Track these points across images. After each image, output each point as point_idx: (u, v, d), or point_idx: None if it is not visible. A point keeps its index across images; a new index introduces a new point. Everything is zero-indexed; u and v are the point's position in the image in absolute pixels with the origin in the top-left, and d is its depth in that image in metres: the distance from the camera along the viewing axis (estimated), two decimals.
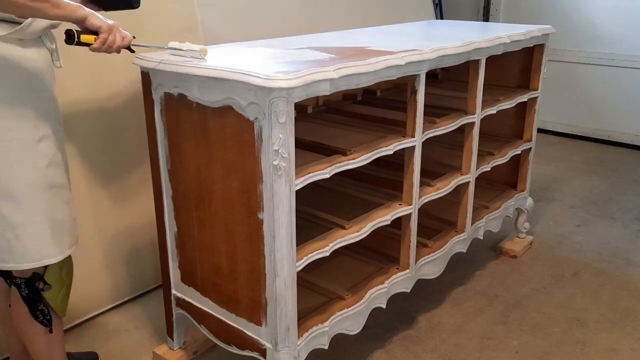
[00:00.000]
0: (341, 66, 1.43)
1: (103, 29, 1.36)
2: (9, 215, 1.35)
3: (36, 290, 1.47)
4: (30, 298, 1.47)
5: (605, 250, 2.66)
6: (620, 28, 4.08)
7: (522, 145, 2.48)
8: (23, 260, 1.40)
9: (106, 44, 1.38)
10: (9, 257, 1.39)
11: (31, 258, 1.40)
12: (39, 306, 1.49)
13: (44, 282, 1.46)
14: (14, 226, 1.36)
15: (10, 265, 1.40)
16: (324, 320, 1.63)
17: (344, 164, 1.57)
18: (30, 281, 1.46)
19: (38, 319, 1.49)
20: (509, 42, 2.10)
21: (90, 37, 1.36)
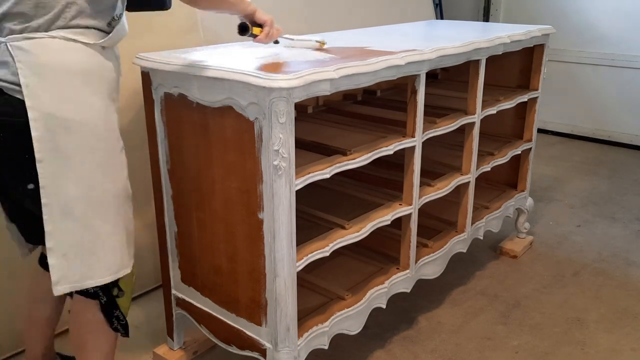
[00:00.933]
0: (341, 66, 1.43)
1: (268, 22, 1.52)
2: (99, 226, 1.30)
3: (112, 297, 1.42)
4: (108, 306, 1.43)
5: (606, 251, 2.66)
6: (621, 28, 4.08)
7: (522, 145, 2.48)
8: (106, 274, 1.34)
9: (268, 36, 1.53)
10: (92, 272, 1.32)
11: (112, 270, 1.35)
12: (114, 313, 1.44)
13: (119, 288, 1.42)
14: (102, 238, 1.31)
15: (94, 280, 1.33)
16: (324, 320, 1.63)
17: (344, 164, 1.57)
18: (107, 288, 1.41)
19: (113, 325, 1.45)
20: (509, 42, 2.10)
21: (258, 29, 1.52)
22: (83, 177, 1.26)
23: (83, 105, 1.24)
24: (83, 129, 1.24)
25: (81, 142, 1.24)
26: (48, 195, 1.23)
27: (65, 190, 1.24)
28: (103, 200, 1.30)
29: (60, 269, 1.28)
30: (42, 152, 1.20)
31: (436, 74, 2.73)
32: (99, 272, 1.33)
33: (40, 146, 1.20)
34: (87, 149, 1.25)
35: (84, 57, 1.25)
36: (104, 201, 1.30)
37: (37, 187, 1.23)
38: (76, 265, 1.29)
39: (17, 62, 1.18)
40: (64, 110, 1.21)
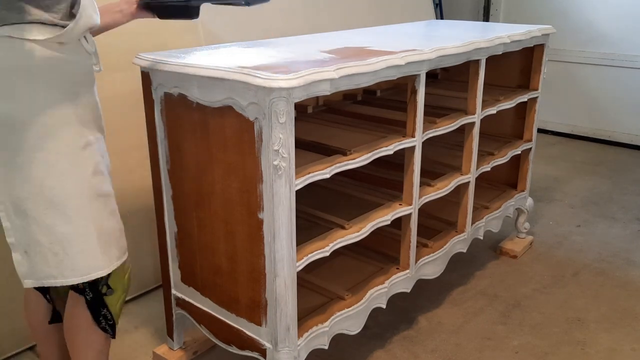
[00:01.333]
0: (341, 66, 1.43)
1: None
2: (56, 227, 1.28)
3: (100, 294, 1.40)
4: (94, 303, 1.40)
5: (606, 251, 2.66)
6: (621, 28, 4.08)
7: (522, 145, 2.48)
8: (71, 275, 1.32)
9: None
10: (57, 271, 1.30)
11: (79, 272, 1.32)
12: (102, 311, 1.42)
13: (107, 286, 1.40)
14: (61, 239, 1.29)
15: (59, 280, 1.31)
16: (324, 320, 1.63)
17: (344, 164, 1.57)
18: (94, 285, 1.39)
19: (100, 324, 1.43)
20: (509, 42, 2.10)
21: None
22: (31, 176, 1.24)
23: (23, 103, 1.21)
24: (26, 127, 1.21)
25: (25, 141, 1.22)
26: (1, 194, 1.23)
27: (15, 190, 1.24)
28: (59, 200, 1.27)
29: (24, 264, 1.29)
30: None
31: (436, 74, 2.73)
32: (64, 272, 1.31)
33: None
34: (32, 148, 1.23)
35: (22, 53, 1.20)
36: (60, 202, 1.27)
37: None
38: (38, 263, 1.29)
39: None
40: (3, 110, 1.20)
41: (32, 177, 1.24)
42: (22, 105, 1.21)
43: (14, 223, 1.26)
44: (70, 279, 1.32)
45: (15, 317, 1.90)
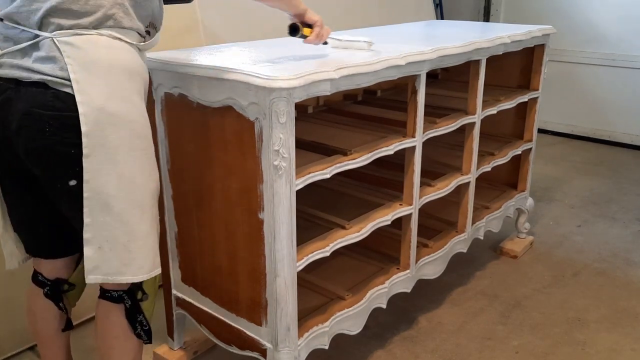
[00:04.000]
0: (342, 66, 1.43)
1: (318, 22, 1.52)
2: (136, 225, 1.28)
3: (137, 301, 1.38)
4: (132, 310, 1.38)
5: (606, 251, 2.66)
6: (621, 28, 4.08)
7: (523, 145, 2.48)
8: (138, 272, 1.30)
9: (319, 37, 1.53)
10: (126, 269, 1.29)
11: (144, 269, 1.31)
12: (138, 317, 1.39)
13: (142, 291, 1.38)
14: (138, 237, 1.29)
15: (125, 277, 1.29)
16: (324, 320, 1.63)
17: (344, 164, 1.57)
18: (131, 292, 1.37)
19: (136, 330, 1.40)
20: (509, 43, 2.10)
21: (308, 30, 1.52)
22: (125, 174, 1.24)
23: (128, 103, 1.23)
24: (129, 126, 1.23)
25: (126, 139, 1.23)
26: (90, 190, 1.21)
27: (107, 186, 1.23)
28: (141, 199, 1.28)
29: (95, 260, 1.27)
30: (89, 147, 1.19)
31: (436, 74, 2.73)
32: (132, 269, 1.30)
33: (88, 141, 1.18)
34: (130, 147, 1.24)
35: (129, 55, 1.25)
36: (142, 200, 1.28)
37: (79, 183, 1.21)
38: (111, 259, 1.27)
39: (66, 57, 1.17)
40: (112, 107, 1.20)
41: (127, 174, 1.24)
42: (128, 105, 1.23)
43: (95, 219, 1.24)
44: (136, 276, 1.31)
45: (15, 317, 1.90)
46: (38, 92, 1.18)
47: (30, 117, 1.19)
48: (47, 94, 1.18)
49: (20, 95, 1.19)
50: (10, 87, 1.20)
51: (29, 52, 1.21)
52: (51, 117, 1.18)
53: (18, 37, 1.22)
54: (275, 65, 1.44)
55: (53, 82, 1.18)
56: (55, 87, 1.18)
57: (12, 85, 1.20)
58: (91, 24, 1.20)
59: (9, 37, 1.23)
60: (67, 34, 1.18)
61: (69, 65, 1.17)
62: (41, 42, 1.19)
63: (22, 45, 1.21)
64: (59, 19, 1.18)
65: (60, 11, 1.18)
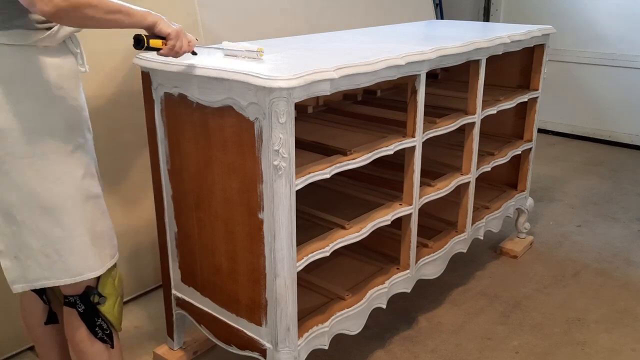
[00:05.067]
0: (341, 66, 1.43)
1: (171, 35, 1.36)
2: (48, 230, 1.27)
3: (92, 305, 1.38)
4: (88, 314, 1.38)
5: (606, 251, 2.66)
6: (621, 28, 4.08)
7: (523, 145, 2.48)
8: (64, 276, 1.31)
9: (174, 50, 1.37)
10: (49, 273, 1.30)
11: (72, 273, 1.31)
12: (97, 322, 1.39)
13: (99, 294, 1.37)
14: (54, 241, 1.28)
15: (51, 281, 1.31)
16: (324, 320, 1.63)
17: (344, 164, 1.57)
18: (85, 296, 1.37)
19: (97, 335, 1.40)
20: (509, 42, 2.10)
21: (158, 42, 1.36)
22: (19, 183, 1.23)
23: (8, 112, 1.20)
24: (11, 135, 1.20)
25: (11, 148, 1.21)
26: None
27: (5, 198, 1.24)
28: (51, 205, 1.27)
29: (14, 270, 1.29)
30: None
31: (436, 74, 2.73)
32: (55, 273, 1.31)
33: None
34: (18, 155, 1.22)
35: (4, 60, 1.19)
36: (52, 206, 1.27)
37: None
38: (30, 266, 1.29)
39: None
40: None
41: (22, 183, 1.24)
42: (8, 113, 1.20)
43: (3, 231, 1.26)
44: (63, 279, 1.32)
45: (15, 317, 1.90)
46: None
47: None
48: None
49: None
50: None
51: None
52: None
53: None
54: (275, 65, 1.44)
55: None
56: None
57: None
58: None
59: None
60: None
61: None
62: None
63: None
64: None
65: None
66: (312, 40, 1.95)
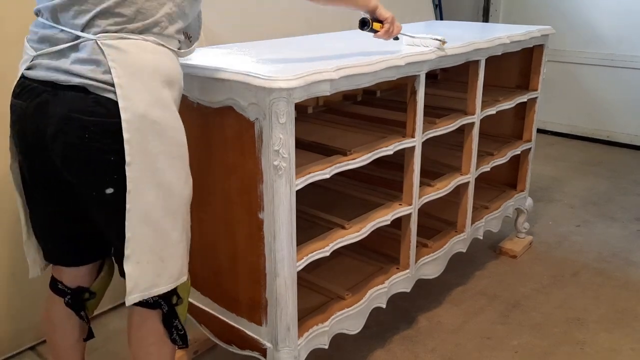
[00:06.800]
0: (341, 66, 1.43)
1: (389, 19, 1.61)
2: (170, 233, 1.24)
3: (173, 306, 1.33)
4: (169, 315, 1.34)
5: (605, 251, 2.66)
6: (620, 28, 4.08)
7: (522, 145, 2.48)
8: (170, 281, 1.27)
9: (388, 33, 1.62)
10: (159, 279, 1.25)
11: (175, 278, 1.28)
12: (174, 322, 1.35)
13: (177, 295, 1.33)
14: (170, 245, 1.25)
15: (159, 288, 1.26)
16: (324, 320, 1.64)
17: (344, 164, 1.57)
18: (167, 297, 1.31)
19: (172, 336, 1.35)
20: (508, 43, 2.10)
21: (378, 25, 1.60)
22: (164, 182, 1.21)
23: (169, 110, 1.20)
24: (169, 134, 1.20)
25: (166, 146, 1.20)
26: (132, 201, 1.17)
27: (146, 195, 1.18)
28: (176, 207, 1.25)
29: (134, 277, 1.22)
30: (131, 155, 1.14)
31: (436, 74, 2.73)
32: (164, 279, 1.26)
33: (130, 149, 1.14)
34: (170, 154, 1.21)
35: (170, 62, 1.22)
36: (176, 208, 1.25)
37: (116, 191, 1.17)
38: (147, 273, 1.23)
39: (110, 61, 1.13)
40: (154, 114, 1.16)
41: (165, 182, 1.20)
42: (168, 112, 1.20)
43: (136, 232, 1.19)
44: (170, 285, 1.27)
45: (15, 317, 1.90)
46: (77, 96, 1.14)
47: (69, 123, 1.14)
48: (87, 99, 1.13)
49: (58, 99, 1.15)
50: (47, 90, 1.16)
51: (67, 53, 1.16)
52: (91, 122, 1.14)
53: (56, 38, 1.17)
54: (275, 66, 1.44)
55: (94, 87, 1.13)
56: (96, 92, 1.13)
57: (48, 89, 1.16)
58: (137, 29, 1.17)
59: (46, 37, 1.19)
60: (112, 37, 1.14)
61: (113, 69, 1.12)
62: (82, 44, 1.15)
63: (60, 46, 1.16)
64: (106, 22, 1.14)
65: (110, 14, 1.14)
66: (312, 41, 1.96)
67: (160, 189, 1.20)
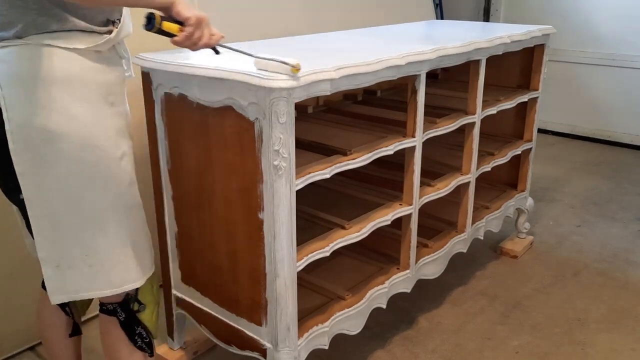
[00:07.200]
0: (341, 66, 1.43)
1: (191, 21, 1.21)
2: (93, 240, 1.23)
3: (132, 313, 1.34)
4: (128, 322, 1.34)
5: (606, 251, 2.66)
6: (621, 28, 4.08)
7: (523, 145, 2.48)
8: (106, 287, 1.26)
9: (191, 40, 1.23)
10: (90, 284, 1.25)
11: (115, 284, 1.27)
12: (136, 330, 1.35)
13: (138, 302, 1.34)
14: (98, 251, 1.23)
15: (93, 292, 1.26)
16: (324, 320, 1.63)
17: (344, 164, 1.57)
18: (125, 304, 1.33)
19: (137, 344, 1.36)
20: (509, 43, 2.10)
21: (174, 27, 1.19)
22: (69, 189, 1.18)
23: (63, 115, 1.15)
24: (64, 139, 1.15)
25: (64, 153, 1.16)
26: (33, 207, 1.17)
27: (51, 203, 1.18)
28: (95, 212, 1.22)
29: (55, 279, 1.23)
30: (21, 165, 1.14)
31: (436, 74, 2.73)
32: (97, 284, 1.26)
33: (18, 159, 1.13)
34: (71, 160, 1.17)
35: (62, 62, 1.14)
36: (96, 214, 1.22)
37: None
38: (72, 277, 1.23)
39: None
40: (41, 121, 1.13)
41: (70, 190, 1.19)
42: (62, 117, 1.15)
43: (46, 237, 1.20)
44: (106, 290, 1.27)
45: (15, 317, 1.90)
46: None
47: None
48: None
49: None
50: None
51: None
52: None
53: None
54: None
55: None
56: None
57: None
58: (16, 33, 1.11)
59: None
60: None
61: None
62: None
63: None
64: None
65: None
66: (312, 40, 1.95)
67: (67, 196, 1.19)
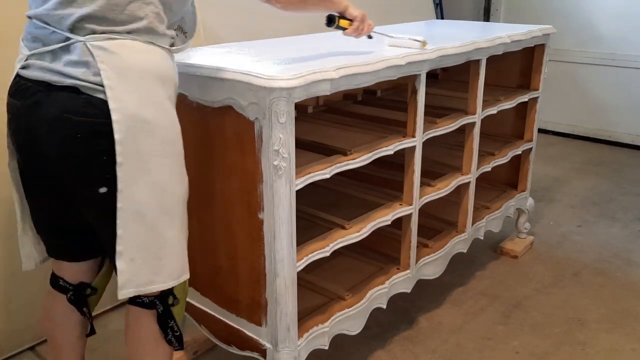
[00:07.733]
0: (341, 66, 1.43)
1: (358, 17, 1.63)
2: (166, 232, 1.25)
3: (168, 307, 1.34)
4: (164, 316, 1.34)
5: (606, 251, 2.66)
6: (621, 28, 4.08)
7: (523, 145, 2.48)
8: (169, 279, 1.28)
9: (357, 31, 1.64)
10: (157, 277, 1.26)
11: (174, 275, 1.29)
12: (169, 323, 1.36)
13: (174, 296, 1.34)
14: (167, 244, 1.26)
15: (157, 285, 1.27)
16: (324, 320, 1.63)
17: (344, 164, 1.56)
18: (164, 297, 1.33)
19: (167, 337, 1.36)
20: (509, 42, 2.09)
21: (346, 23, 1.62)
22: (157, 181, 1.21)
23: (161, 109, 1.20)
24: (161, 132, 1.20)
25: (159, 146, 1.20)
26: (123, 200, 1.18)
27: (139, 195, 1.19)
28: (172, 205, 1.26)
29: (127, 272, 1.23)
30: (123, 155, 1.15)
31: (436, 74, 2.73)
32: (161, 277, 1.27)
33: (122, 149, 1.15)
34: (163, 153, 1.21)
35: (162, 60, 1.23)
36: (172, 206, 1.26)
37: (109, 190, 1.18)
38: (142, 270, 1.24)
39: (100, 62, 1.13)
40: (145, 113, 1.17)
41: (158, 182, 1.21)
42: (159, 111, 1.20)
43: (128, 230, 1.20)
44: (168, 282, 1.28)
45: (15, 317, 1.90)
46: (70, 97, 1.15)
47: (61, 123, 1.15)
48: (79, 99, 1.15)
49: (51, 99, 1.16)
50: (41, 90, 1.17)
51: (60, 55, 1.17)
52: (83, 123, 1.15)
53: (48, 38, 1.18)
54: (275, 65, 1.44)
55: (85, 88, 1.14)
56: (88, 92, 1.14)
57: (42, 89, 1.17)
58: (125, 30, 1.17)
59: (38, 37, 1.20)
60: (100, 38, 1.15)
61: (102, 70, 1.13)
62: (73, 45, 1.16)
63: (51, 47, 1.17)
64: (92, 24, 1.15)
65: (94, 18, 1.15)
66: (311, 40, 1.95)
67: (153, 188, 1.21)
